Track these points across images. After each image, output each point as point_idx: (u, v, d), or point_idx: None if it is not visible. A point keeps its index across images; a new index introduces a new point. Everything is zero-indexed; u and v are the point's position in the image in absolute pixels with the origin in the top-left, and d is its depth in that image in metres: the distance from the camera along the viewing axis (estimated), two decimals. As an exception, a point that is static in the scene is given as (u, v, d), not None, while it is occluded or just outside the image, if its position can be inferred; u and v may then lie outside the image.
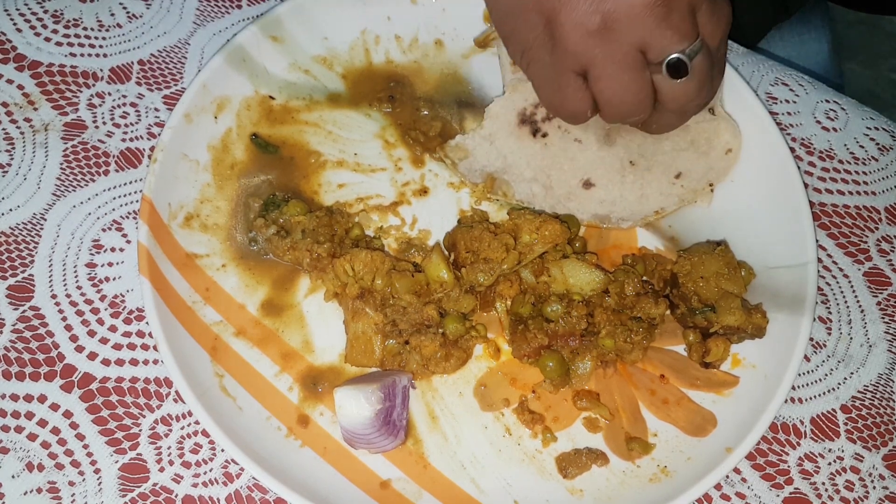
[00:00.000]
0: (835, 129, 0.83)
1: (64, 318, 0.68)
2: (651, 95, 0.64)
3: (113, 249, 0.71)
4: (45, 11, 0.79)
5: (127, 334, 0.68)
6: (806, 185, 0.74)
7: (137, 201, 0.73)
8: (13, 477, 0.62)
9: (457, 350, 0.68)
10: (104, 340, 0.68)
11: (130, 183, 0.74)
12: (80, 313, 0.68)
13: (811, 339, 0.72)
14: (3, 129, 0.74)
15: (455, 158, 0.76)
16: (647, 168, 0.75)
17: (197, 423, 0.66)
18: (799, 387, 0.72)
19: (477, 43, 0.80)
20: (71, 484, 0.63)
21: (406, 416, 0.66)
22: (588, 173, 0.75)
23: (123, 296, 0.70)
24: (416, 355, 0.67)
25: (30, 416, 0.64)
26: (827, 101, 0.84)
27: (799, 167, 0.75)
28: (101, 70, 0.78)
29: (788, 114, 0.83)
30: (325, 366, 0.69)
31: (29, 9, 0.79)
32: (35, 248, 0.70)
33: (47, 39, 0.78)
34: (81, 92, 0.76)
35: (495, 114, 0.75)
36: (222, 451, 0.65)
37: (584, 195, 0.75)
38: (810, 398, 0.72)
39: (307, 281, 0.71)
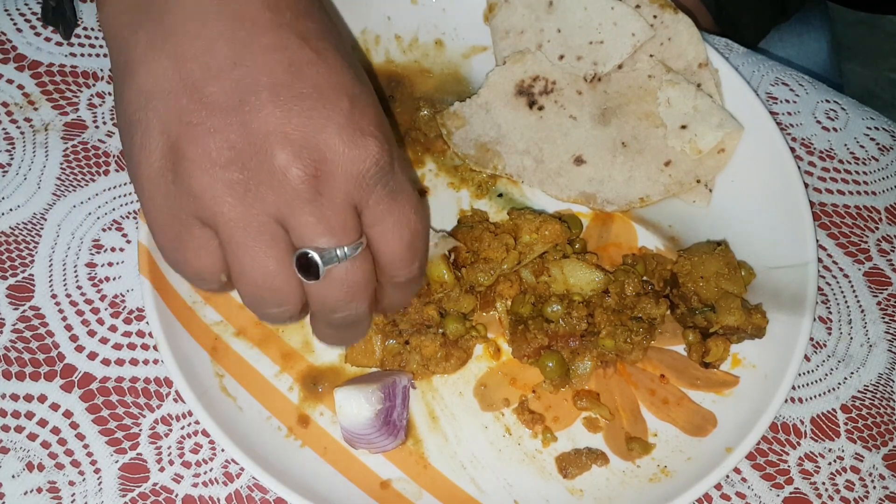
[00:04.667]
0: (835, 129, 0.83)
1: (64, 318, 0.68)
2: (292, 284, 0.51)
3: (113, 249, 0.71)
4: (46, 11, 0.79)
5: (127, 334, 0.68)
6: (806, 185, 0.74)
7: (137, 201, 0.73)
8: (13, 477, 0.62)
9: (457, 350, 0.68)
10: (104, 340, 0.68)
11: (131, 183, 0.73)
12: (80, 313, 0.68)
13: (811, 339, 0.72)
14: (3, 129, 0.74)
15: (452, 127, 0.76)
16: (639, 151, 0.75)
17: (197, 423, 0.66)
18: (799, 387, 0.72)
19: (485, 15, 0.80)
20: (71, 484, 0.63)
21: (406, 417, 0.66)
22: (580, 150, 0.75)
23: (123, 296, 0.70)
24: (416, 355, 0.67)
25: (30, 415, 0.64)
26: (827, 101, 0.84)
27: (799, 167, 0.75)
28: (102, 70, 0.77)
29: (788, 114, 0.83)
30: (325, 366, 0.69)
31: (29, 9, 0.79)
32: (35, 248, 0.70)
33: (47, 39, 0.78)
34: (81, 92, 0.76)
35: (493, 82, 0.76)
36: (222, 451, 0.65)
37: (574, 171, 0.75)
38: (810, 398, 0.72)
39: (307, 281, 0.71)
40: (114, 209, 0.72)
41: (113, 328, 0.68)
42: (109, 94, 0.77)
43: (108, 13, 0.53)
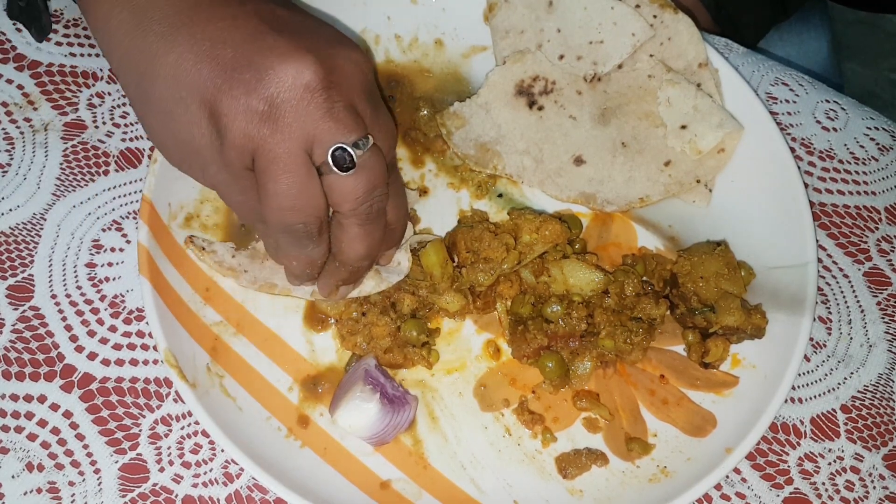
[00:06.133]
0: (835, 129, 0.83)
1: (64, 318, 0.68)
2: (314, 199, 0.57)
3: (113, 249, 0.71)
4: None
5: (127, 334, 0.68)
6: (806, 185, 0.74)
7: (137, 201, 0.73)
8: (13, 477, 0.62)
9: (398, 352, 0.68)
10: (104, 340, 0.68)
11: (130, 183, 0.73)
12: (80, 313, 0.68)
13: (811, 339, 0.72)
14: (3, 129, 0.74)
15: (452, 127, 0.76)
16: (639, 151, 0.75)
17: (197, 423, 0.66)
18: (799, 387, 0.72)
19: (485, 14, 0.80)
20: (71, 484, 0.63)
21: (398, 385, 0.67)
22: (580, 150, 0.75)
23: (123, 296, 0.70)
24: (365, 331, 0.67)
25: (30, 416, 0.64)
26: (827, 101, 0.84)
27: (799, 167, 0.75)
28: (101, 70, 0.77)
29: (788, 114, 0.83)
30: (325, 366, 0.69)
31: (29, 9, 0.79)
32: (35, 248, 0.70)
33: (47, 39, 0.78)
34: (81, 92, 0.76)
35: (493, 82, 0.76)
36: (222, 451, 0.65)
37: (573, 172, 0.75)
38: (810, 398, 0.72)
39: (307, 281, 0.71)
40: (114, 209, 0.72)
41: (113, 328, 0.68)
42: (109, 94, 0.77)
43: (108, 25, 0.59)
